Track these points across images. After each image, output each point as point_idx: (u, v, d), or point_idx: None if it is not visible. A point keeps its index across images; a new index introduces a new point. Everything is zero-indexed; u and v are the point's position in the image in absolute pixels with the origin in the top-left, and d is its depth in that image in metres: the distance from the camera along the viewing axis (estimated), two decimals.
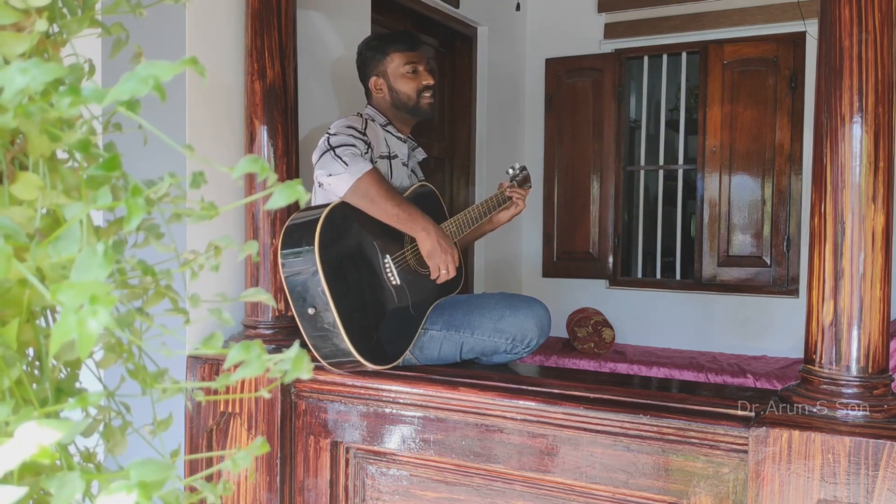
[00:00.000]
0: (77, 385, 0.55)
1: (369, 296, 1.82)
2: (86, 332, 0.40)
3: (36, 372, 0.50)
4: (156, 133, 0.49)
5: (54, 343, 0.40)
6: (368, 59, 2.14)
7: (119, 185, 0.51)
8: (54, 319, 0.54)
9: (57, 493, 0.42)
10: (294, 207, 1.95)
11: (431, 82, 2.11)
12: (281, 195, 0.48)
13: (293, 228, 1.78)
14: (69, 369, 0.55)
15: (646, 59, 4.33)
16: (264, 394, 0.54)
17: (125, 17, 0.59)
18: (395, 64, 2.10)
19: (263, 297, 0.55)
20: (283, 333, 1.96)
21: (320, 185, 1.87)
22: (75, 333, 0.40)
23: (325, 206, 1.79)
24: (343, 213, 1.81)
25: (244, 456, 0.51)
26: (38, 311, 0.51)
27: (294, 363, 0.49)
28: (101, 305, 0.40)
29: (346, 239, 1.82)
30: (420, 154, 2.26)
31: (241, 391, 1.88)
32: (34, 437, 0.40)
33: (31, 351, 0.50)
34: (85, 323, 0.40)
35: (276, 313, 1.99)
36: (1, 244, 0.42)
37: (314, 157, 1.86)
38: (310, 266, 1.71)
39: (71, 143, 0.47)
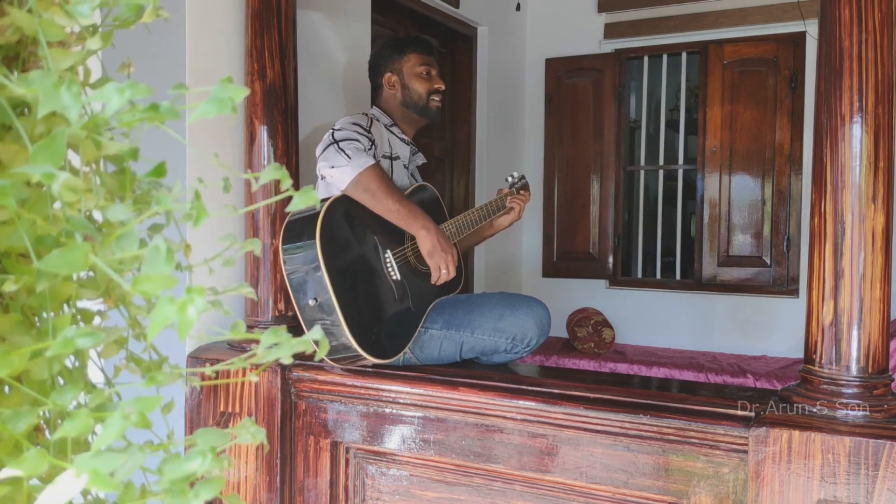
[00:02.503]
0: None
1: (370, 290, 1.83)
2: (185, 318, 0.46)
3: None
4: (181, 140, 0.50)
5: (153, 329, 0.46)
6: (385, 56, 2.20)
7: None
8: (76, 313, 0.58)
9: (120, 468, 0.47)
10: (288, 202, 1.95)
11: (442, 87, 2.18)
12: (300, 199, 0.55)
13: (294, 223, 1.79)
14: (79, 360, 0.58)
15: (646, 59, 4.33)
16: (252, 378, 0.57)
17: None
18: (412, 63, 2.16)
19: (246, 290, 0.59)
20: None
21: (322, 177, 1.89)
22: (176, 319, 0.46)
23: (327, 199, 1.80)
24: (344, 208, 1.82)
25: (256, 431, 0.56)
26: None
27: (321, 343, 0.55)
28: (196, 294, 0.46)
29: (347, 233, 1.83)
30: (420, 159, 2.28)
31: (241, 387, 1.88)
32: (136, 409, 0.47)
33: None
34: (185, 310, 0.46)
35: (277, 313, 1.99)
36: (79, 241, 0.47)
37: (318, 151, 1.88)
38: (311, 259, 1.72)
39: (124, 151, 0.52)
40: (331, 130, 1.89)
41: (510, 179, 2.29)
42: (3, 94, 0.48)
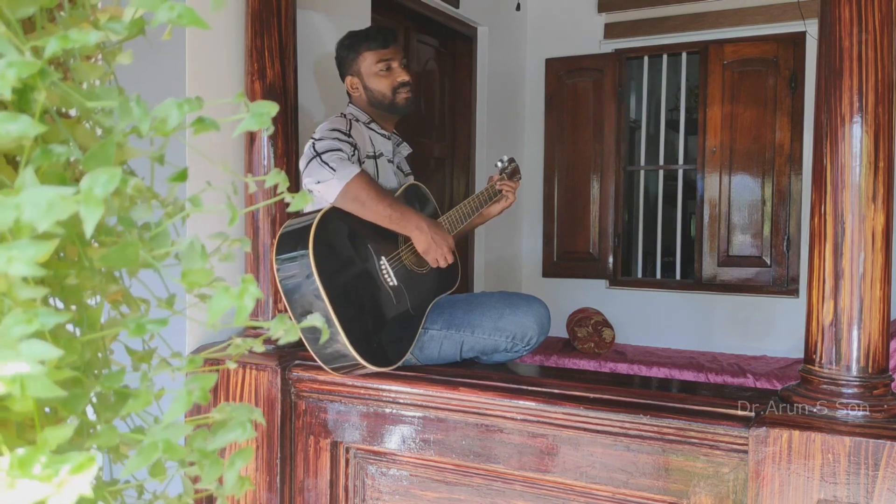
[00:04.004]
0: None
1: (367, 298, 1.82)
2: (243, 305, 0.52)
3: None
4: (181, 140, 0.53)
5: (212, 315, 0.51)
6: (343, 58, 2.11)
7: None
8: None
9: (172, 436, 0.52)
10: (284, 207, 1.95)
11: (406, 79, 2.07)
12: (299, 201, 0.61)
13: (287, 235, 1.77)
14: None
15: (646, 59, 4.32)
16: (231, 365, 0.62)
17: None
18: (368, 62, 2.06)
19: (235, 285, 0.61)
20: None
21: (310, 192, 1.86)
22: (235, 304, 0.52)
23: (318, 211, 1.78)
24: (336, 218, 1.80)
25: (258, 411, 0.60)
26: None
27: (323, 327, 0.60)
28: (250, 283, 0.52)
29: (341, 243, 1.81)
30: (405, 149, 2.24)
31: (241, 386, 1.88)
32: (199, 386, 0.53)
33: None
34: (242, 298, 0.52)
35: (277, 313, 1.98)
36: (130, 239, 0.52)
37: (301, 164, 1.84)
38: (305, 271, 1.70)
39: (152, 156, 0.55)
40: (311, 141, 1.84)
41: (500, 164, 2.23)
42: (53, 105, 0.51)
